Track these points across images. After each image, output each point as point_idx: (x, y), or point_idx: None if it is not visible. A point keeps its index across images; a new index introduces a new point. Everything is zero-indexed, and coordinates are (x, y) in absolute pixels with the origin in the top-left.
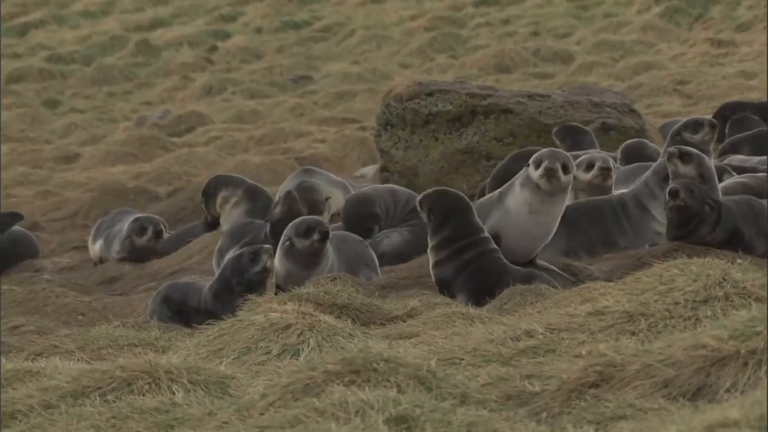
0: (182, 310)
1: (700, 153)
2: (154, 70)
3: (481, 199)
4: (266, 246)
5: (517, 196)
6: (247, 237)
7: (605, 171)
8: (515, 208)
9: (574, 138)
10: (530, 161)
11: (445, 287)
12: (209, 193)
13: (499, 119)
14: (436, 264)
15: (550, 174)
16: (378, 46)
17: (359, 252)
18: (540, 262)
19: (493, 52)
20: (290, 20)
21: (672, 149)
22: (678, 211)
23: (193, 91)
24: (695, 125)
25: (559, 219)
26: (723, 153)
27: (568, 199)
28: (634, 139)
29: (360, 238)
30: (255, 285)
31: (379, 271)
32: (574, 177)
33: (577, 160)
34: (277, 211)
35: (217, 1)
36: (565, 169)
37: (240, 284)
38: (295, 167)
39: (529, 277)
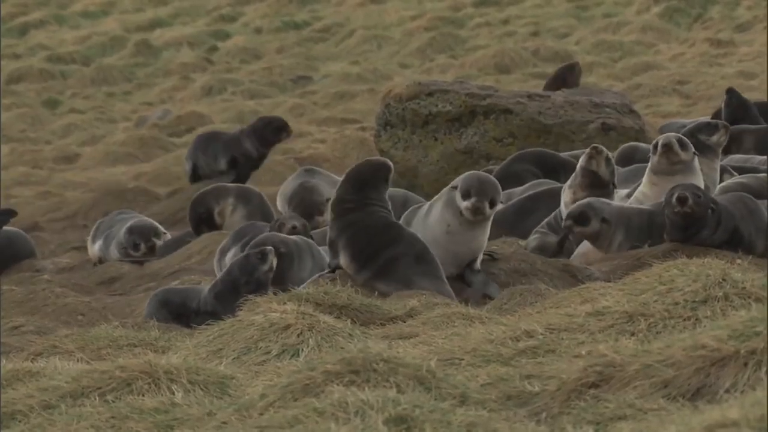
0: (182, 313)
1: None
2: (153, 71)
3: (416, 207)
4: (270, 247)
5: (439, 213)
6: (247, 237)
7: (594, 150)
8: (434, 224)
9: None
10: (459, 187)
11: (331, 249)
12: (203, 217)
13: (499, 119)
14: (330, 227)
15: (476, 211)
16: (378, 46)
17: None
18: (473, 278)
19: (492, 53)
20: (290, 20)
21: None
22: (684, 216)
23: (192, 91)
24: (710, 127)
25: (482, 237)
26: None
27: (570, 195)
28: (627, 144)
29: None
30: (262, 285)
31: None
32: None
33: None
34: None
35: (217, 2)
36: (492, 203)
37: (248, 284)
38: (294, 168)
39: (413, 241)
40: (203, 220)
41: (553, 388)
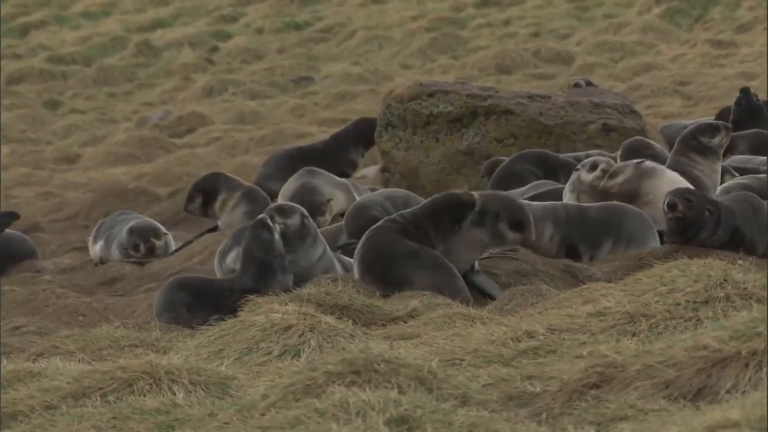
0: (206, 295)
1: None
2: (154, 71)
3: None
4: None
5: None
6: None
7: (604, 172)
8: None
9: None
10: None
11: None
12: (210, 193)
13: (500, 120)
14: None
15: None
16: (379, 46)
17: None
18: (474, 278)
19: (493, 53)
20: (291, 21)
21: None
22: (677, 221)
23: (193, 91)
24: (711, 129)
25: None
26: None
27: (573, 200)
28: (634, 138)
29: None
30: (283, 255)
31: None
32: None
33: (582, 162)
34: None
35: (218, 2)
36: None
37: (276, 257)
38: None
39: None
40: (203, 192)
41: (555, 389)
